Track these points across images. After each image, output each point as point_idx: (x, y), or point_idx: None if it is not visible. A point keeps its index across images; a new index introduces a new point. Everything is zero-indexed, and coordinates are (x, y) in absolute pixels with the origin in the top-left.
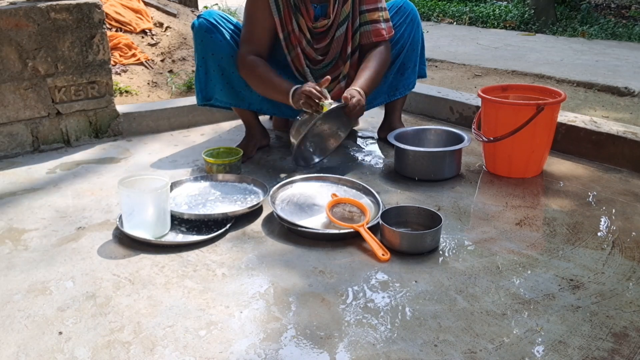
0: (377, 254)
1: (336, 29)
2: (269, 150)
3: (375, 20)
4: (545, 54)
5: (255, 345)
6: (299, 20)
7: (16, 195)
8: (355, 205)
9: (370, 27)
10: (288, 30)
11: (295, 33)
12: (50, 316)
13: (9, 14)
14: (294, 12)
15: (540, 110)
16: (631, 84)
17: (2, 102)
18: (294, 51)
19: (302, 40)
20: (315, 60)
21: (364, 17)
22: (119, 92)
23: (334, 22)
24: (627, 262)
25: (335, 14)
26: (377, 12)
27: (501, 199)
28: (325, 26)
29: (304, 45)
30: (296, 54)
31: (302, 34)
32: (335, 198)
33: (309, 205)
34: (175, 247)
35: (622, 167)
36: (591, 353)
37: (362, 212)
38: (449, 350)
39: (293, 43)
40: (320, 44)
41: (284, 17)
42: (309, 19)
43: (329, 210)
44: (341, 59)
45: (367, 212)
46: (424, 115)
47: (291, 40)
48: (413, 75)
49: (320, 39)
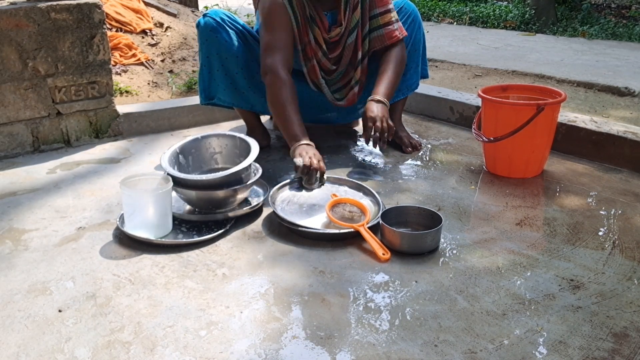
0: (378, 254)
1: (347, 36)
2: (269, 151)
3: (387, 23)
4: (545, 54)
5: (256, 346)
6: (314, 32)
7: (16, 195)
8: (356, 205)
9: (383, 30)
10: (304, 42)
11: (311, 45)
12: (51, 316)
13: (9, 14)
14: (310, 24)
15: (541, 110)
16: (631, 84)
17: (3, 102)
18: (310, 63)
19: (317, 52)
20: (330, 71)
21: (377, 21)
22: (119, 92)
23: (346, 29)
24: (627, 262)
25: (347, 21)
26: (390, 14)
27: (501, 199)
28: (338, 35)
29: (319, 56)
30: (312, 65)
31: (319, 46)
32: (335, 198)
33: (309, 205)
34: (176, 247)
35: (623, 167)
36: (591, 353)
37: (362, 212)
38: (449, 351)
39: (309, 55)
40: (334, 53)
41: (301, 29)
42: (324, 30)
43: (329, 210)
44: (351, 65)
45: (367, 212)
46: (424, 116)
47: (307, 53)
48: (415, 75)
49: (333, 48)
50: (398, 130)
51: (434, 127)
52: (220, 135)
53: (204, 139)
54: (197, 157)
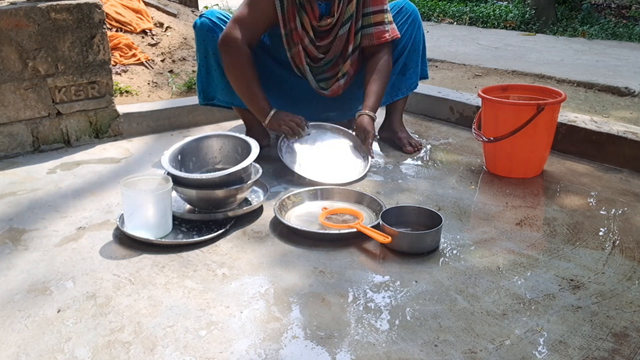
0: (379, 239)
1: (340, 27)
2: (269, 150)
3: (379, 23)
4: (545, 54)
5: (256, 345)
6: (302, 18)
7: (16, 195)
8: (348, 213)
9: (373, 29)
10: (290, 27)
11: (297, 30)
12: (51, 316)
13: (9, 14)
14: (298, 9)
15: (541, 110)
16: (631, 84)
17: (3, 102)
18: (295, 48)
19: (304, 38)
20: (317, 58)
21: (369, 19)
22: (119, 92)
23: (338, 21)
24: (627, 262)
25: (339, 13)
26: (383, 14)
27: (501, 199)
28: (329, 25)
29: (305, 43)
30: (297, 51)
31: (305, 32)
32: (328, 209)
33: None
34: (176, 247)
35: (623, 167)
36: (591, 353)
37: (356, 216)
38: (449, 350)
39: (294, 40)
40: (323, 41)
41: (287, 14)
42: (313, 18)
43: (323, 220)
44: (341, 57)
45: (360, 215)
46: (424, 116)
47: (292, 37)
48: (415, 75)
49: (323, 37)
50: (398, 130)
51: (434, 127)
52: (221, 135)
53: (204, 139)
54: (197, 157)
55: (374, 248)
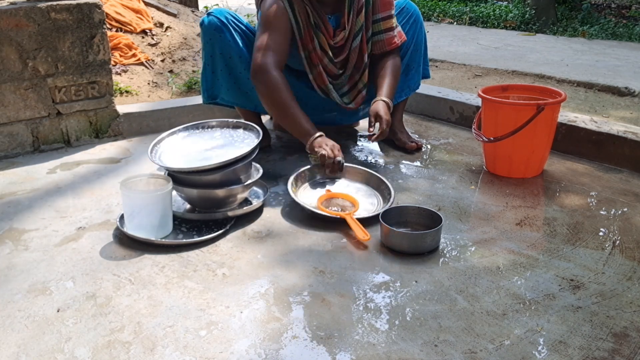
0: (359, 236)
1: (352, 39)
2: (269, 151)
3: (389, 29)
4: (545, 54)
5: (256, 345)
6: (319, 38)
7: (16, 195)
8: (348, 200)
9: (384, 35)
10: (308, 49)
11: (317, 52)
12: (51, 316)
13: (9, 14)
14: (314, 30)
15: (541, 110)
16: (631, 84)
17: (3, 102)
18: (316, 70)
19: (323, 58)
20: (336, 75)
21: (379, 25)
22: (119, 92)
23: (350, 33)
24: (627, 262)
25: (350, 25)
26: (391, 20)
27: (501, 199)
28: (343, 39)
29: (325, 62)
30: (318, 72)
31: (324, 52)
32: (329, 193)
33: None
34: (176, 247)
35: (623, 167)
36: (591, 353)
37: (353, 205)
38: (449, 351)
39: (314, 62)
40: (339, 57)
41: (304, 36)
42: (329, 37)
43: (320, 204)
44: (356, 69)
45: (357, 204)
46: (424, 116)
47: (312, 59)
48: (417, 75)
49: (338, 52)
50: (398, 130)
51: (434, 127)
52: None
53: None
54: None
55: (374, 248)
